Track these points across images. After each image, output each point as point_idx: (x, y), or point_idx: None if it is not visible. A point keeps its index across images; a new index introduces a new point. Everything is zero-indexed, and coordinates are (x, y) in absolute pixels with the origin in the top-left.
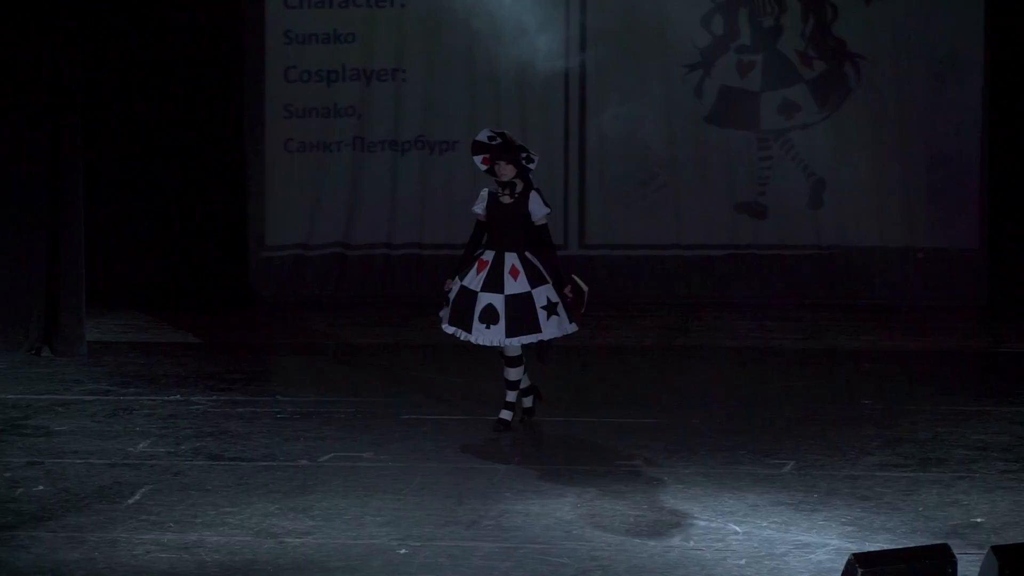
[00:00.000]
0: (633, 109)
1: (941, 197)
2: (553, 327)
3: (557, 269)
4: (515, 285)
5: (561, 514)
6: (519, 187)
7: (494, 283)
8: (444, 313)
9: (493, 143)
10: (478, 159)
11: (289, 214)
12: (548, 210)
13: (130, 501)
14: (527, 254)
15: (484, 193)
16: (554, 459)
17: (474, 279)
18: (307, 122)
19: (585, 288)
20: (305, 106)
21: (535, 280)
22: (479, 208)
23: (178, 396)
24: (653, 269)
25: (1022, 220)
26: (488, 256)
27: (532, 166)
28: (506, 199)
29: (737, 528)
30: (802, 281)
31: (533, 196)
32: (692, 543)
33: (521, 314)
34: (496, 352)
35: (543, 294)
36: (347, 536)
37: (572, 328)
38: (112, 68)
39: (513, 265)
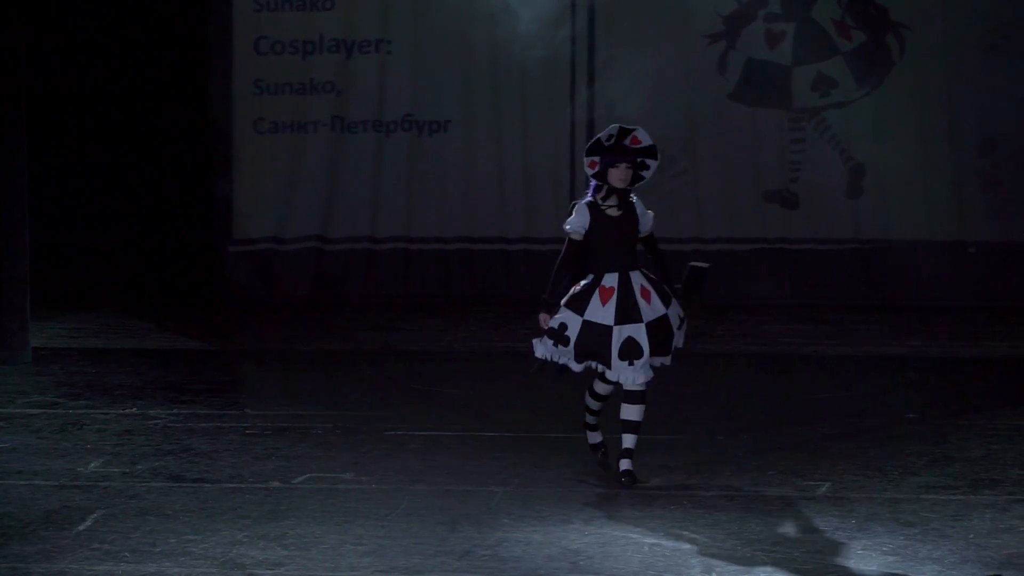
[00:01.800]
0: (649, 86)
1: (995, 185)
2: (681, 338)
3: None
4: (650, 309)
5: (566, 543)
6: (626, 196)
7: (629, 313)
8: (550, 350)
9: (609, 143)
10: (586, 161)
11: (260, 204)
12: (652, 214)
13: (80, 528)
14: (644, 269)
15: (582, 207)
16: (558, 480)
17: (600, 311)
18: (280, 99)
19: (702, 272)
20: (277, 81)
21: (665, 298)
22: (580, 226)
23: (134, 409)
24: (671, 265)
25: None
26: (611, 281)
27: (647, 173)
28: (614, 211)
29: (766, 558)
30: (839, 279)
31: (638, 203)
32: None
33: (661, 340)
34: (489, 362)
35: (675, 313)
36: (324, 567)
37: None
38: (56, 41)
39: (642, 286)
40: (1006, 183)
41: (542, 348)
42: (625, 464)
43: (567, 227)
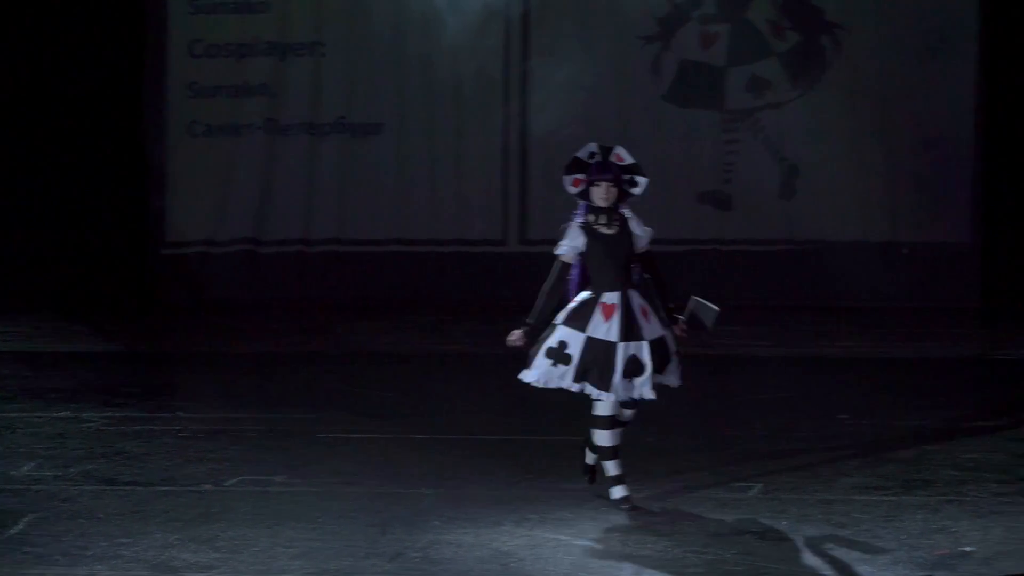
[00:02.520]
0: (583, 88)
1: (929, 186)
2: (676, 377)
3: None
4: (651, 328)
5: (497, 544)
6: (618, 214)
7: (632, 330)
8: (545, 372)
9: (593, 161)
10: (568, 180)
11: (193, 207)
12: (651, 231)
13: (12, 532)
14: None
15: (575, 228)
16: (490, 482)
17: (603, 327)
18: (214, 102)
19: (707, 316)
20: (212, 84)
21: (663, 321)
22: (573, 248)
23: (67, 412)
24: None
25: (1019, 212)
26: (612, 299)
27: (636, 190)
28: (606, 229)
29: (697, 559)
30: (772, 280)
31: (633, 220)
32: None
33: (661, 362)
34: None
35: (672, 337)
36: (256, 570)
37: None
38: None
39: (642, 306)
40: (940, 184)
41: (536, 372)
42: (619, 491)
43: (559, 250)
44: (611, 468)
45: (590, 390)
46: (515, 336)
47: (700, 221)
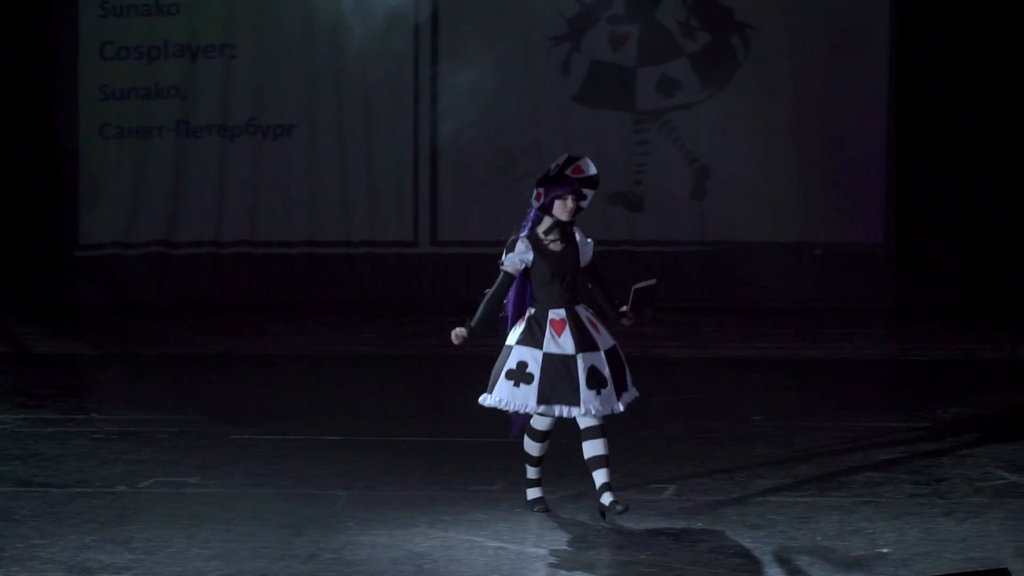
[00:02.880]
0: (492, 88)
1: (841, 186)
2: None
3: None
4: (604, 339)
5: (411, 546)
6: (568, 228)
7: (586, 342)
8: (506, 394)
9: (554, 173)
10: (534, 193)
11: (105, 209)
12: (592, 242)
13: None
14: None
15: (524, 241)
16: (403, 484)
17: (557, 342)
18: (125, 104)
19: (649, 293)
20: (123, 86)
21: (611, 332)
22: (520, 262)
23: None
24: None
25: (932, 212)
26: (559, 314)
27: (584, 203)
28: (557, 245)
29: (611, 561)
30: (685, 281)
31: (579, 234)
32: None
33: (618, 372)
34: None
35: (621, 351)
36: (171, 571)
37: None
38: None
39: (589, 318)
40: (852, 185)
41: (498, 395)
42: (609, 496)
43: (504, 262)
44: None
45: (559, 411)
46: (458, 334)
47: (611, 222)
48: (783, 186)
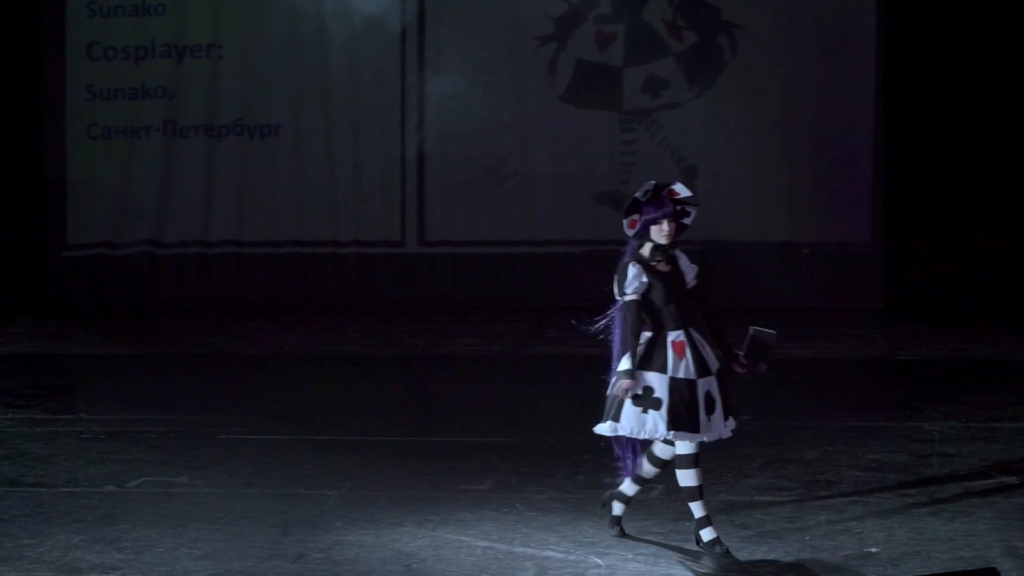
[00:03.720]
0: (479, 89)
1: (829, 186)
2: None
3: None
4: (713, 363)
5: (399, 546)
6: (670, 251)
7: (703, 366)
8: (634, 422)
9: (646, 199)
10: (625, 222)
11: (93, 209)
12: (697, 267)
13: None
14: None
15: (636, 269)
16: (391, 484)
17: (680, 366)
18: (112, 104)
19: (767, 342)
20: (110, 86)
21: (718, 355)
22: (640, 289)
23: None
24: (502, 269)
25: (920, 212)
26: (678, 336)
27: (687, 220)
28: (664, 266)
29: (599, 561)
30: None
31: (681, 256)
32: None
33: (725, 397)
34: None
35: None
36: (159, 571)
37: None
38: None
39: (700, 341)
40: (840, 185)
41: (627, 424)
42: (709, 533)
43: (627, 291)
44: (697, 510)
45: (676, 437)
46: (627, 386)
47: (598, 222)
48: (771, 186)
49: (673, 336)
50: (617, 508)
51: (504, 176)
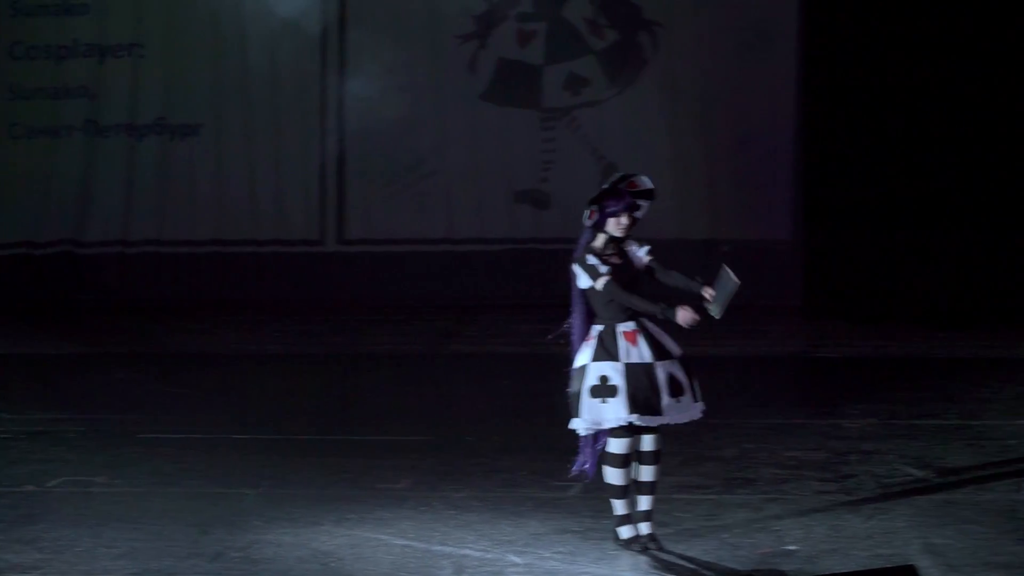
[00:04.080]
0: (400, 87)
1: (749, 184)
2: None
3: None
4: (674, 347)
5: (317, 544)
6: (622, 243)
7: (660, 349)
8: (595, 412)
9: (607, 188)
10: (585, 213)
11: (13, 208)
12: (648, 247)
13: None
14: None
15: (592, 259)
16: (309, 483)
17: (634, 351)
18: (34, 104)
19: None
20: (32, 86)
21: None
22: (607, 269)
23: None
24: (421, 266)
25: (840, 209)
26: (629, 326)
27: (639, 214)
28: (616, 259)
29: (517, 560)
30: None
31: (631, 245)
32: None
33: (691, 380)
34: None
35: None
36: (79, 571)
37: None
38: None
39: (657, 330)
40: (760, 182)
41: (589, 416)
42: (628, 532)
43: (601, 272)
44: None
45: (641, 420)
46: (685, 313)
47: (517, 220)
48: (691, 184)
49: (624, 327)
50: (625, 532)
51: (424, 174)
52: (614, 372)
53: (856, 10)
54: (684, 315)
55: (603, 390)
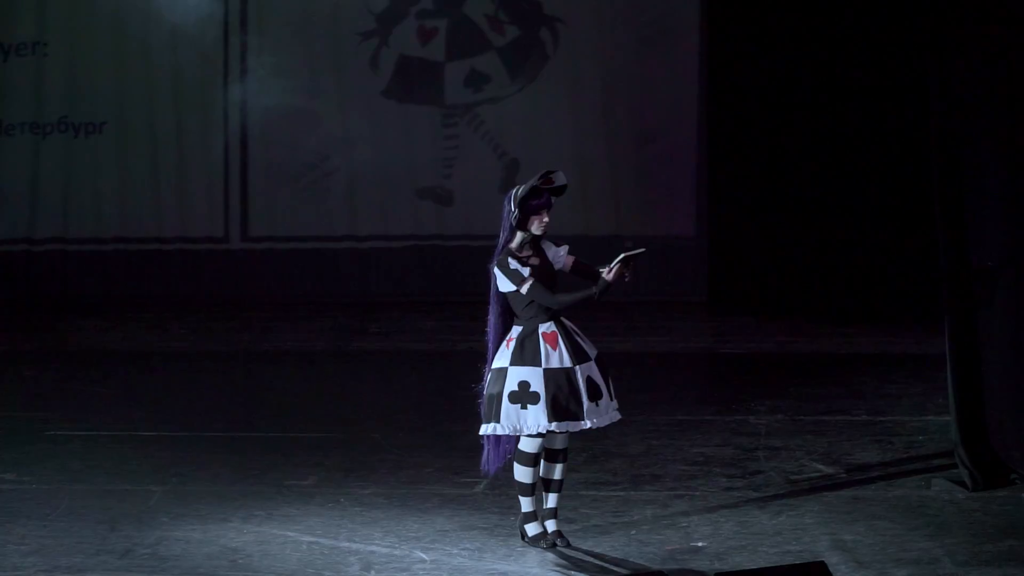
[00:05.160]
0: (301, 85)
1: (652, 179)
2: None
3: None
4: (591, 348)
5: (225, 541)
6: (537, 241)
7: (579, 352)
8: (513, 419)
9: (536, 188)
10: (513, 211)
11: None
12: (566, 246)
13: None
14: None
15: (514, 262)
16: (216, 479)
17: (553, 356)
18: None
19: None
20: None
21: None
22: (527, 271)
23: None
24: (325, 264)
25: (743, 205)
26: (548, 327)
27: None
28: (534, 259)
29: (424, 556)
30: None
31: (548, 244)
32: (373, 573)
33: (608, 380)
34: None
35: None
36: None
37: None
38: None
39: (574, 328)
40: (663, 177)
41: (506, 422)
42: (535, 528)
43: (526, 285)
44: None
45: (560, 427)
46: (614, 272)
47: (421, 217)
48: (593, 179)
49: (544, 328)
50: (532, 529)
51: (326, 172)
52: (534, 378)
53: (758, 5)
54: (612, 275)
55: (523, 396)
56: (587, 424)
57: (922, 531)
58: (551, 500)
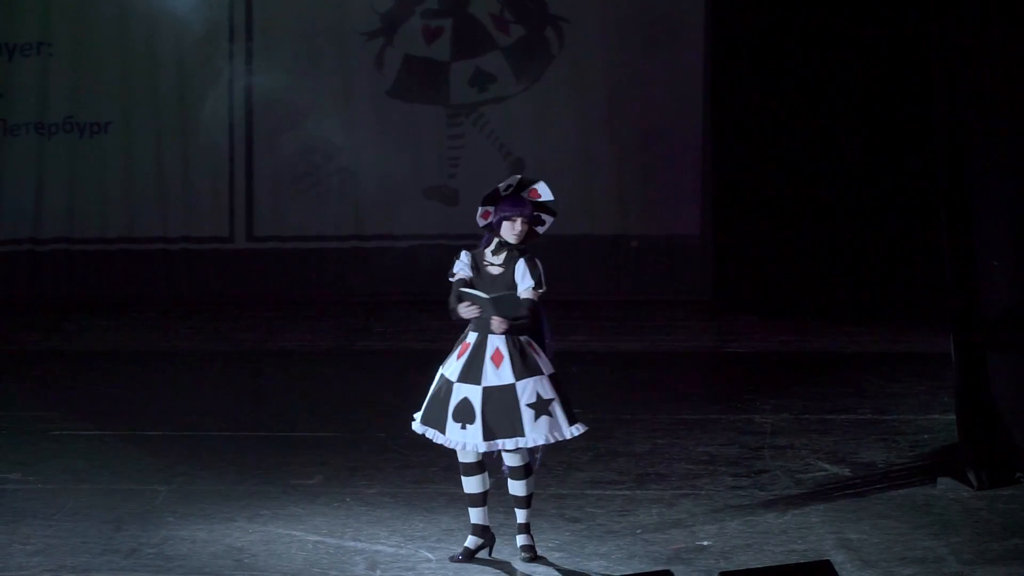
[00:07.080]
0: (307, 84)
1: (657, 179)
2: (542, 430)
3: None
4: (495, 375)
5: (231, 540)
6: (515, 253)
7: (472, 372)
8: (458, 433)
9: (507, 194)
10: (479, 212)
11: None
12: (540, 288)
13: None
14: (521, 337)
15: (465, 257)
16: (221, 479)
17: (452, 365)
18: None
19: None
20: None
21: (525, 370)
22: (465, 273)
23: None
24: (330, 264)
25: (748, 205)
26: (471, 338)
27: (541, 229)
28: (495, 269)
29: (430, 555)
30: None
31: (520, 265)
32: (378, 573)
33: (502, 413)
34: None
35: (531, 388)
36: None
37: (572, 432)
38: None
39: (497, 349)
40: (668, 177)
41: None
42: (524, 539)
43: (454, 274)
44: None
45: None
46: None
47: (426, 216)
48: (599, 179)
49: (468, 337)
50: (469, 541)
51: (332, 171)
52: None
53: (763, 5)
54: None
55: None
56: (445, 440)
57: (927, 530)
58: (519, 515)
